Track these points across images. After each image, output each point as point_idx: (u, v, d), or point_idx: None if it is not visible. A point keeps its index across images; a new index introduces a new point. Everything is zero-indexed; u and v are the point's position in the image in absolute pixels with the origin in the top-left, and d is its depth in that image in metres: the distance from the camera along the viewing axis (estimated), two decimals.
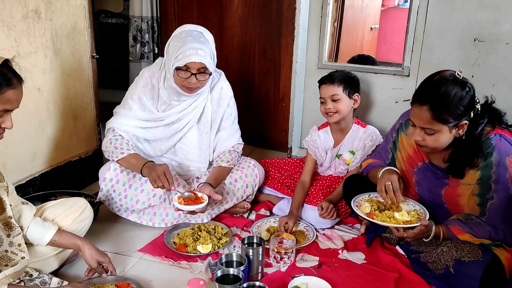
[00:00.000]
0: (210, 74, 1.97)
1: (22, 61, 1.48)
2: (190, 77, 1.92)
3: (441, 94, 1.53)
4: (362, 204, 1.82)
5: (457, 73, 1.57)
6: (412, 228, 1.69)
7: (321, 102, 2.29)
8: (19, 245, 1.49)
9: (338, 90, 2.22)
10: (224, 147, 2.19)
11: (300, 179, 2.36)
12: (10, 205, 1.48)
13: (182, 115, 2.09)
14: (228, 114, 2.18)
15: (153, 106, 2.08)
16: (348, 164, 2.33)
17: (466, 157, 1.62)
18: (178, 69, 1.91)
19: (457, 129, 1.59)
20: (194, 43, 1.89)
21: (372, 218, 1.74)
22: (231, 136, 2.21)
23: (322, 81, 2.29)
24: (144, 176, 1.96)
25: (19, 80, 1.37)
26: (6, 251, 1.46)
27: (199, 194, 1.91)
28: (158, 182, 1.85)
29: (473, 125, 1.60)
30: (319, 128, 2.44)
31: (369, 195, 1.90)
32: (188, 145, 2.17)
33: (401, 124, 1.88)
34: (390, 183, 1.77)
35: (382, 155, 1.99)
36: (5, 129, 1.40)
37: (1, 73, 1.31)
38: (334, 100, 2.23)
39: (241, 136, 2.28)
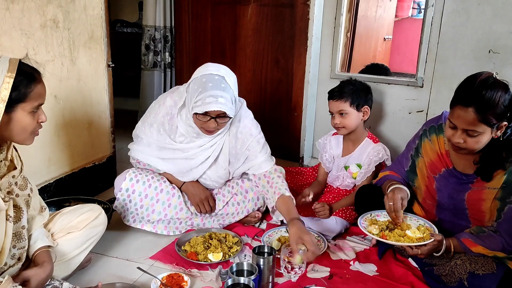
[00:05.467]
0: (231, 118, 1.94)
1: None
2: (209, 120, 1.89)
3: (487, 96, 1.52)
4: (368, 226, 1.83)
5: (495, 75, 1.57)
6: (425, 244, 1.68)
7: (331, 115, 2.33)
8: (19, 259, 1.49)
9: (345, 106, 2.25)
10: (261, 171, 2.10)
11: (316, 178, 2.51)
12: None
13: (200, 150, 2.07)
14: (255, 142, 2.09)
15: (171, 137, 2.07)
16: (355, 178, 2.33)
17: (499, 159, 1.62)
18: (196, 113, 1.89)
19: (496, 130, 1.58)
20: (214, 90, 1.83)
21: (386, 239, 1.74)
22: (267, 160, 2.11)
23: (331, 96, 2.30)
24: (180, 189, 2.17)
25: (39, 73, 1.41)
26: (5, 264, 1.45)
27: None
28: (201, 207, 2.16)
29: (506, 128, 1.60)
30: (333, 134, 2.47)
31: (371, 214, 1.91)
32: (206, 179, 2.19)
33: (425, 130, 1.87)
34: (392, 203, 1.79)
35: (401, 163, 1.98)
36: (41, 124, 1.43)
37: (23, 72, 1.34)
38: (341, 115, 2.25)
39: None
